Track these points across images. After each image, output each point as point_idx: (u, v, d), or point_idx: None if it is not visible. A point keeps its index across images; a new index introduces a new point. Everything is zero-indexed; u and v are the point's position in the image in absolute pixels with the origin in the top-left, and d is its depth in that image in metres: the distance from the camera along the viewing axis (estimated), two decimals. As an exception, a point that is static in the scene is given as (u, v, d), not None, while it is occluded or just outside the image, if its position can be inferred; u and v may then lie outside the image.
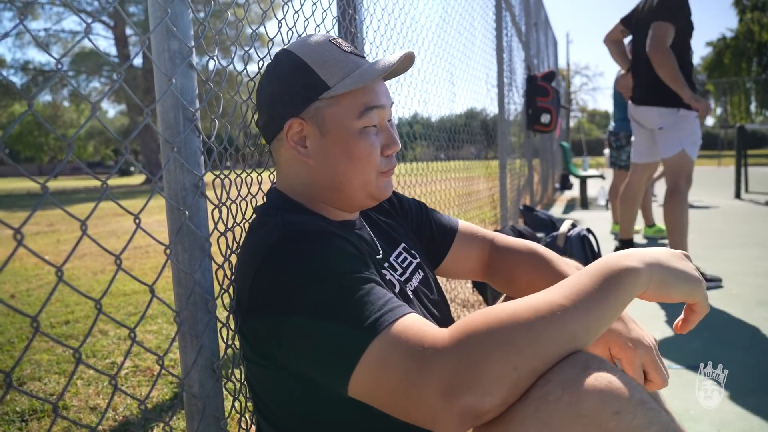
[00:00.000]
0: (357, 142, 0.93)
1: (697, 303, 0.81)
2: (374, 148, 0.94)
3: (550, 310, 0.67)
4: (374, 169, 0.96)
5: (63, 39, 26.14)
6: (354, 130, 0.93)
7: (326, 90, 0.92)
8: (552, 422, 0.62)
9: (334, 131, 0.93)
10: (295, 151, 0.95)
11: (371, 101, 0.93)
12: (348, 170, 0.94)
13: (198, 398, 0.89)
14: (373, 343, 0.70)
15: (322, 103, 0.92)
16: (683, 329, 0.85)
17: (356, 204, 0.99)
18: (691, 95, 3.18)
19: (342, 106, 0.92)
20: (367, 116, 0.93)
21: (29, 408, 2.00)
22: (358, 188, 0.96)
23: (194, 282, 0.88)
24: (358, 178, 0.95)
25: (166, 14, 0.82)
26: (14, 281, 4.22)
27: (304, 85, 0.93)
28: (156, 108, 0.86)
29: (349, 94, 0.92)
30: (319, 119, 0.93)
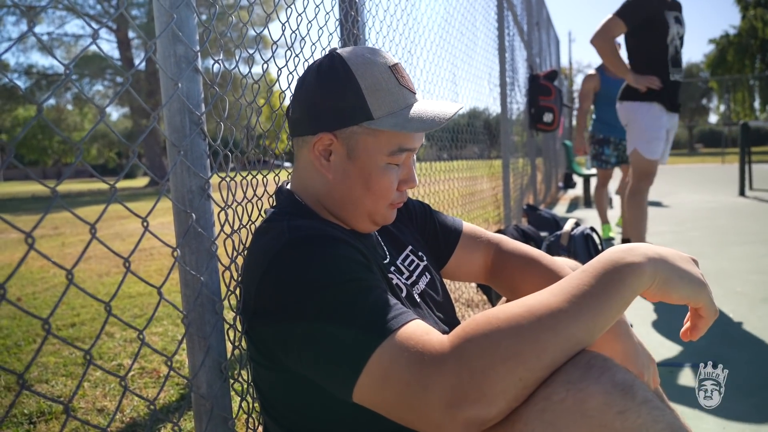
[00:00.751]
0: (379, 176, 0.94)
1: (702, 307, 0.79)
2: (392, 184, 0.96)
3: (553, 317, 0.67)
4: (387, 202, 0.97)
5: (66, 43, 26.25)
6: (380, 164, 0.94)
7: (369, 120, 0.91)
8: (557, 422, 0.63)
9: (361, 159, 0.93)
10: (318, 162, 0.95)
11: (406, 144, 0.94)
12: (362, 197, 0.95)
13: (206, 399, 0.90)
14: (375, 353, 0.70)
15: (359, 129, 0.92)
16: (692, 336, 0.83)
17: (357, 226, 1.00)
18: (634, 77, 3.26)
19: (377, 140, 0.92)
20: (397, 156, 0.94)
21: (37, 410, 2.01)
22: (365, 214, 0.97)
23: (201, 284, 0.89)
24: (368, 206, 0.96)
25: (171, 19, 0.83)
26: (20, 284, 4.24)
27: (349, 106, 0.91)
28: (162, 112, 0.87)
29: (387, 133, 0.92)
30: (351, 143, 0.93)
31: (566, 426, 0.62)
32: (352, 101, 0.91)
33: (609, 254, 0.74)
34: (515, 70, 5.29)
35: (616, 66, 3.35)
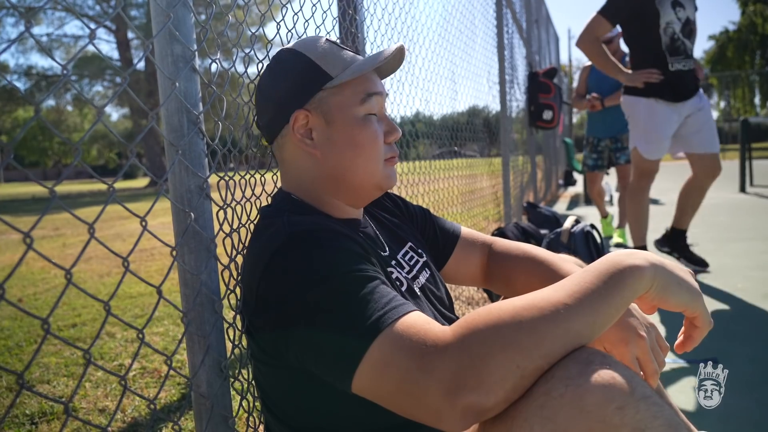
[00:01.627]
0: (361, 128, 0.96)
1: (697, 316, 0.81)
2: (378, 134, 0.98)
3: (553, 309, 0.68)
4: (379, 155, 0.98)
5: (65, 43, 26.27)
6: (358, 116, 0.96)
7: (329, 80, 0.95)
8: (556, 418, 0.63)
9: (338, 119, 0.96)
10: (302, 143, 0.97)
11: (371, 88, 0.97)
12: (354, 157, 0.97)
13: (206, 398, 0.90)
14: (375, 342, 0.70)
15: (325, 93, 0.96)
16: (687, 347, 0.84)
17: (364, 195, 1.01)
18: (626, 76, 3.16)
19: (345, 94, 0.96)
20: (368, 102, 0.97)
21: (39, 410, 2.02)
22: (366, 177, 0.98)
23: (201, 283, 0.89)
24: (364, 166, 0.97)
25: (168, 19, 0.83)
26: (21, 285, 4.24)
27: (308, 77, 0.96)
28: (160, 111, 0.87)
29: (350, 83, 0.96)
30: (324, 108, 0.96)
31: (565, 421, 0.63)
32: (308, 72, 0.96)
33: (611, 256, 0.76)
34: (514, 68, 5.29)
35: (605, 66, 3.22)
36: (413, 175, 2.48)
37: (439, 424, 0.67)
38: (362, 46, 1.78)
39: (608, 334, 0.86)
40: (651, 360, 0.85)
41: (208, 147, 0.93)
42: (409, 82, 2.33)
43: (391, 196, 1.24)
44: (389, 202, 1.22)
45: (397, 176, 1.05)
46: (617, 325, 0.87)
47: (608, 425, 0.62)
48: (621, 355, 0.85)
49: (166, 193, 0.85)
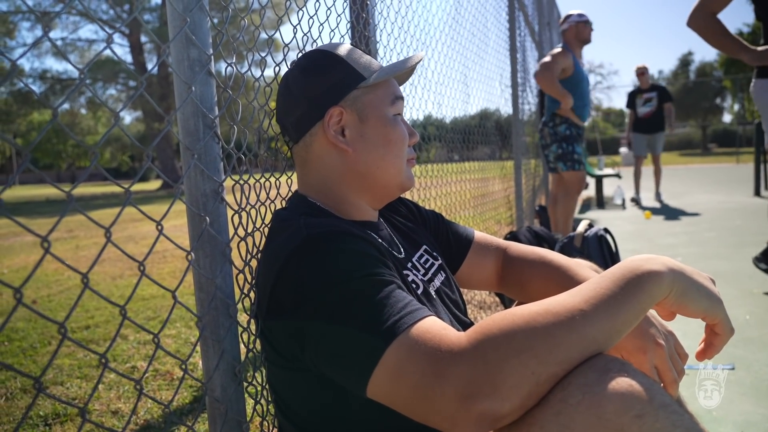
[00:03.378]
0: (393, 127, 1.01)
1: (718, 323, 0.80)
2: (404, 133, 1.03)
3: (569, 315, 0.67)
4: (404, 154, 1.03)
5: (79, 47, 26.55)
6: (389, 116, 1.01)
7: (362, 80, 0.99)
8: (573, 426, 0.62)
9: (372, 116, 0.99)
10: (335, 140, 0.98)
11: (398, 91, 1.04)
12: (385, 154, 1.00)
13: (220, 402, 0.90)
14: (391, 347, 0.70)
15: (359, 92, 1.00)
16: (708, 354, 0.83)
17: (387, 194, 1.05)
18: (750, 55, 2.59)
19: (378, 94, 1.01)
20: (396, 104, 1.02)
21: (52, 412, 2.03)
22: (393, 174, 1.02)
23: (216, 287, 0.89)
24: (393, 163, 1.01)
25: (185, 23, 0.83)
26: (35, 287, 4.28)
27: (343, 76, 0.99)
28: (176, 116, 0.87)
29: (382, 85, 1.02)
30: (358, 106, 0.99)
31: (582, 429, 0.62)
32: (343, 72, 1.00)
33: (629, 262, 0.75)
34: (527, 71, 5.27)
35: (726, 47, 2.63)
36: (426, 178, 2.47)
37: (454, 431, 0.67)
38: (375, 49, 1.78)
39: (626, 342, 0.85)
40: (670, 368, 0.83)
41: (223, 151, 0.93)
42: (422, 85, 2.32)
43: (404, 200, 1.24)
44: (403, 207, 1.22)
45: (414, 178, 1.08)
46: (635, 333, 0.85)
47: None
48: (639, 364, 0.83)
49: (181, 197, 0.84)
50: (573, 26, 4.18)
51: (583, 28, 4.20)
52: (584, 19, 4.22)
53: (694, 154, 34.49)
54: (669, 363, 0.83)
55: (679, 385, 0.85)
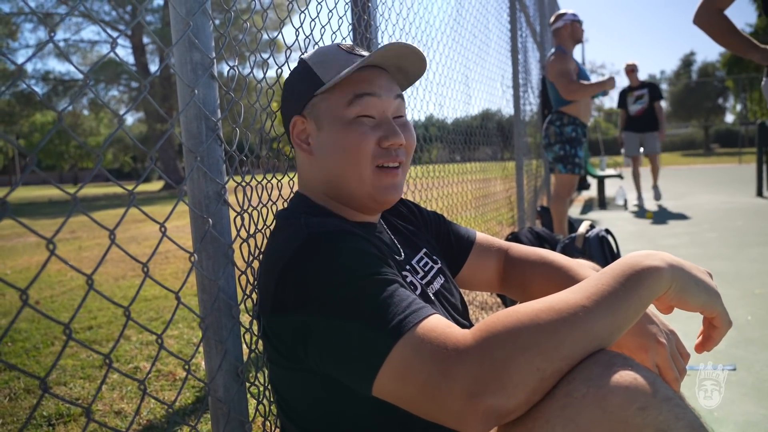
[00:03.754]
0: (347, 131, 0.93)
1: (716, 317, 0.81)
2: (365, 137, 0.93)
3: (572, 311, 0.68)
4: (366, 159, 0.94)
5: (82, 49, 26.60)
6: (345, 119, 0.94)
7: (320, 85, 0.95)
8: (578, 419, 0.63)
9: (327, 123, 0.96)
10: (301, 149, 0.99)
11: (361, 89, 0.94)
12: (341, 161, 0.95)
13: (223, 402, 0.90)
14: (397, 345, 0.70)
15: (317, 99, 0.97)
16: (707, 347, 0.84)
17: (361, 204, 0.99)
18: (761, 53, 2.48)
19: (333, 98, 0.95)
20: (357, 105, 0.93)
21: (56, 412, 2.04)
22: (356, 184, 0.95)
23: (218, 288, 0.89)
24: (351, 172, 0.94)
25: (188, 27, 0.84)
26: (38, 287, 4.30)
27: (303, 83, 0.98)
28: (179, 118, 0.88)
29: (340, 86, 0.94)
30: (315, 114, 0.97)
31: (587, 422, 0.63)
32: (304, 78, 0.98)
33: (629, 258, 0.76)
34: (528, 72, 5.27)
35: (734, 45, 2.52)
36: (427, 179, 2.48)
37: (461, 427, 0.67)
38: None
39: (628, 341, 0.86)
40: (671, 367, 0.84)
41: (225, 153, 0.94)
42: (423, 86, 2.33)
43: (405, 202, 1.25)
44: (404, 209, 1.22)
45: (398, 189, 0.99)
46: (637, 331, 0.86)
47: (630, 426, 0.62)
48: (641, 363, 0.84)
49: (184, 199, 0.85)
50: (568, 24, 4.13)
51: (578, 27, 4.18)
52: (578, 18, 4.19)
53: (696, 155, 34.45)
54: (670, 362, 0.84)
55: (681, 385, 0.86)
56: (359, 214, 1.02)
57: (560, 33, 4.16)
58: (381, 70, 0.99)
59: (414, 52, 0.98)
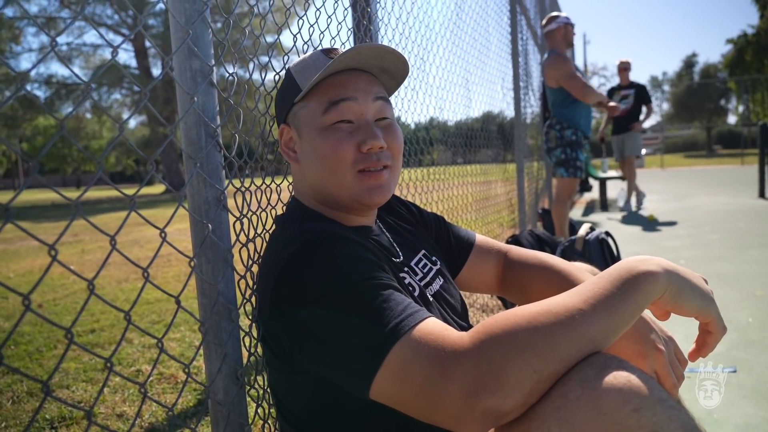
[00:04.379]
0: (323, 138, 0.93)
1: (711, 322, 0.81)
2: (340, 143, 0.93)
3: (568, 314, 0.69)
4: (344, 166, 0.93)
5: (84, 52, 26.68)
6: (321, 127, 0.94)
7: (299, 93, 0.96)
8: (573, 420, 0.64)
9: (305, 131, 0.96)
10: (287, 156, 1.01)
11: (336, 95, 0.93)
12: (321, 169, 0.95)
13: (223, 405, 0.91)
14: (394, 348, 0.71)
15: (297, 107, 0.98)
16: (702, 353, 0.84)
17: (349, 208, 0.99)
18: None
19: (310, 106, 0.96)
20: (333, 111, 0.93)
21: (58, 415, 2.05)
22: (337, 189, 0.95)
23: (218, 292, 0.90)
24: (331, 177, 0.95)
25: (187, 35, 0.85)
26: (41, 291, 4.31)
27: (286, 92, 1.00)
28: (179, 125, 0.89)
29: (316, 93, 0.94)
30: (296, 122, 0.98)
31: (582, 423, 0.64)
32: (287, 87, 0.99)
33: (625, 262, 0.77)
34: (529, 74, 5.28)
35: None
36: (428, 182, 2.49)
37: (459, 428, 0.68)
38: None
39: (627, 348, 0.87)
40: (669, 374, 0.84)
41: (225, 159, 0.95)
42: (423, 90, 2.34)
43: (405, 203, 1.25)
44: (403, 209, 1.23)
45: (384, 190, 0.97)
46: (635, 338, 0.87)
47: (624, 427, 0.62)
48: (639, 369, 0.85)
49: (183, 204, 0.86)
50: (561, 27, 4.17)
51: (570, 30, 4.22)
52: (570, 22, 4.24)
53: (698, 156, 34.38)
54: (669, 368, 0.85)
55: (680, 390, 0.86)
56: (353, 217, 1.02)
57: (553, 35, 4.20)
58: (360, 73, 0.98)
59: (389, 52, 0.95)
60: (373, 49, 0.94)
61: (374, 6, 1.87)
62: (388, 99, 1.01)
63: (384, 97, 0.99)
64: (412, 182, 2.25)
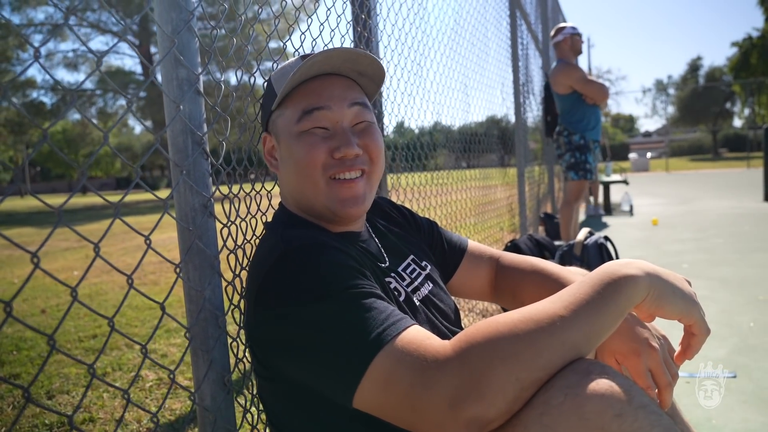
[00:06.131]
0: (297, 144, 0.93)
1: (694, 323, 0.81)
2: (313, 148, 0.92)
3: (550, 321, 0.69)
4: (316, 171, 0.93)
5: (90, 59, 26.83)
6: (295, 133, 0.94)
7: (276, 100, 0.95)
8: (555, 426, 0.64)
9: (282, 138, 0.97)
10: (269, 164, 1.02)
11: (311, 104, 0.93)
12: (294, 174, 0.95)
13: (210, 411, 0.92)
14: (377, 358, 0.71)
15: (275, 114, 0.98)
16: (687, 355, 0.84)
17: (323, 216, 0.98)
18: None
19: (286, 114, 0.96)
20: (307, 119, 0.93)
21: (57, 421, 2.06)
22: (312, 195, 0.95)
23: (204, 299, 0.91)
24: (305, 184, 0.94)
25: (173, 45, 0.86)
26: (45, 296, 4.34)
27: (267, 100, 1.00)
28: (166, 133, 0.90)
29: (292, 101, 0.94)
30: (275, 129, 0.99)
31: (564, 429, 0.64)
32: (268, 95, 1.00)
33: (607, 266, 0.77)
34: (530, 79, 5.28)
35: None
36: (429, 186, 2.49)
37: None
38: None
39: (620, 346, 0.86)
40: (664, 372, 0.83)
41: (212, 166, 0.96)
42: (420, 95, 2.35)
43: (397, 206, 1.25)
44: (396, 213, 1.22)
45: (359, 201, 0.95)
46: (629, 336, 0.86)
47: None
48: (633, 367, 0.84)
49: (170, 212, 0.87)
50: (568, 38, 4.27)
51: (577, 40, 4.31)
52: (578, 32, 4.32)
53: (704, 159, 34.25)
54: (663, 366, 0.84)
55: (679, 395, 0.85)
56: (337, 224, 1.02)
57: (561, 46, 4.31)
58: (336, 78, 0.96)
59: (362, 55, 0.94)
60: (346, 53, 0.92)
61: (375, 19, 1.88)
62: (367, 103, 1.00)
63: (361, 102, 0.97)
64: (410, 188, 2.26)
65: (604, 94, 4.15)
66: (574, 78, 4.14)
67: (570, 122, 4.30)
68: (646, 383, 0.82)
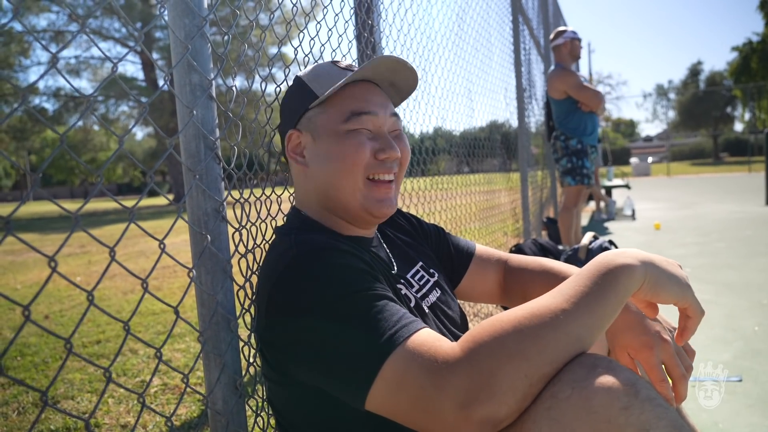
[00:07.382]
0: (344, 141, 0.97)
1: (689, 306, 0.81)
2: (361, 146, 0.96)
3: (553, 315, 0.70)
4: (360, 169, 0.97)
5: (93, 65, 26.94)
6: (342, 131, 0.97)
7: (314, 99, 0.99)
8: (563, 419, 0.65)
9: (324, 134, 0.98)
10: (295, 162, 1.02)
11: (358, 108, 0.97)
12: (335, 170, 0.97)
13: (222, 415, 0.92)
14: (389, 360, 0.72)
15: (312, 112, 1.00)
16: (685, 336, 0.84)
17: (355, 217, 1.00)
18: None
19: (329, 113, 0.99)
20: (355, 121, 0.97)
21: (63, 426, 2.06)
22: (348, 193, 0.97)
23: (217, 303, 0.91)
24: (345, 181, 0.97)
25: (187, 50, 0.87)
26: (48, 302, 4.34)
27: (298, 98, 1.02)
28: (179, 138, 0.90)
29: (336, 102, 0.98)
30: (311, 127, 1.00)
31: (572, 422, 0.64)
32: (299, 94, 1.02)
33: (602, 257, 0.78)
34: (532, 84, 5.30)
35: None
36: (433, 191, 2.49)
37: None
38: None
39: (632, 340, 0.87)
40: (677, 364, 0.84)
41: (224, 171, 0.97)
42: (425, 101, 2.36)
43: (404, 214, 1.26)
44: (403, 221, 1.23)
45: (392, 203, 1.01)
46: (641, 329, 0.87)
47: (614, 425, 0.63)
48: (646, 360, 0.85)
49: (183, 216, 0.88)
50: (568, 42, 4.26)
51: (577, 44, 4.31)
52: (578, 36, 4.32)
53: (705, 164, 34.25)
54: (676, 358, 0.84)
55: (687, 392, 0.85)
56: (353, 227, 1.03)
57: (560, 50, 4.29)
58: (375, 87, 1.02)
59: (405, 65, 1.00)
60: (393, 62, 0.98)
61: (376, 20, 1.89)
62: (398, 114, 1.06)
63: (396, 113, 1.04)
64: (415, 192, 2.26)
65: (598, 101, 4.13)
66: (569, 84, 4.13)
67: (567, 127, 4.29)
68: (659, 376, 0.82)
